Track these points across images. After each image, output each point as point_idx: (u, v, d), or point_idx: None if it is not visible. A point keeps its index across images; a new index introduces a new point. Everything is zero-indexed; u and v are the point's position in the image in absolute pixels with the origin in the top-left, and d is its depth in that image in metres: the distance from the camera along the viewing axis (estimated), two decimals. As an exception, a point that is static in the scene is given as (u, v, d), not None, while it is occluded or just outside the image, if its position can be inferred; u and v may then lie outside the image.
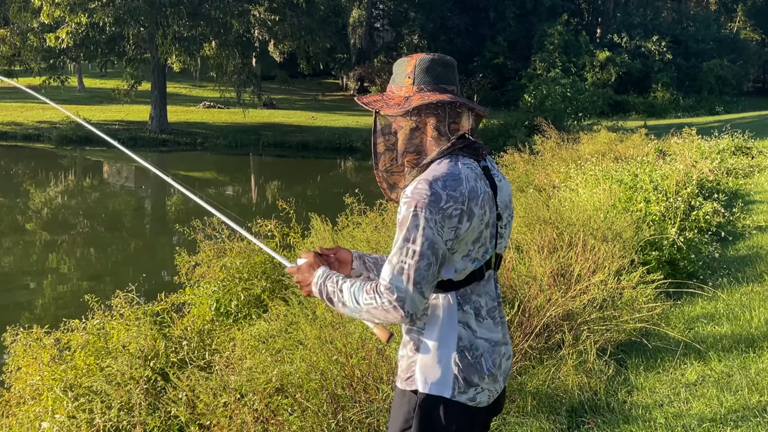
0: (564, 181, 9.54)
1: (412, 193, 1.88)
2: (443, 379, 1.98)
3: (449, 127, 1.97)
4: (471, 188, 1.91)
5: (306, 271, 2.12)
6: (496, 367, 2.05)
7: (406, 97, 2.00)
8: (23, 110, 31.58)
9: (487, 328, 2.04)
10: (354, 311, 1.97)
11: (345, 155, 27.37)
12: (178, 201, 18.29)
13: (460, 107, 1.97)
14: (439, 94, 1.97)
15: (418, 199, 1.86)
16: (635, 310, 4.62)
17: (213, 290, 5.85)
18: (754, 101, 41.10)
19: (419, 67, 2.00)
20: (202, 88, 39.78)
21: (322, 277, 2.07)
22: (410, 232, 1.85)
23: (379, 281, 1.92)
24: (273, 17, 29.64)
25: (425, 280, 1.87)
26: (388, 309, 1.89)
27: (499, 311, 2.10)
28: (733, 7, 49.02)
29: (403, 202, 1.89)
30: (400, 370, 2.07)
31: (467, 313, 2.00)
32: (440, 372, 1.98)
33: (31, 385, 4.37)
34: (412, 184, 1.91)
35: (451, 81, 2.01)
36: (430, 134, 1.98)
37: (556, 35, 38.98)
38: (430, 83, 1.99)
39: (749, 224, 7.53)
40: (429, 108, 1.97)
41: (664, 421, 3.54)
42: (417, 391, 2.00)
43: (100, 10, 24.46)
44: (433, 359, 1.99)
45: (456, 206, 1.87)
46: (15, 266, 11.16)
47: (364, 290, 1.94)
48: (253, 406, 3.51)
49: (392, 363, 3.61)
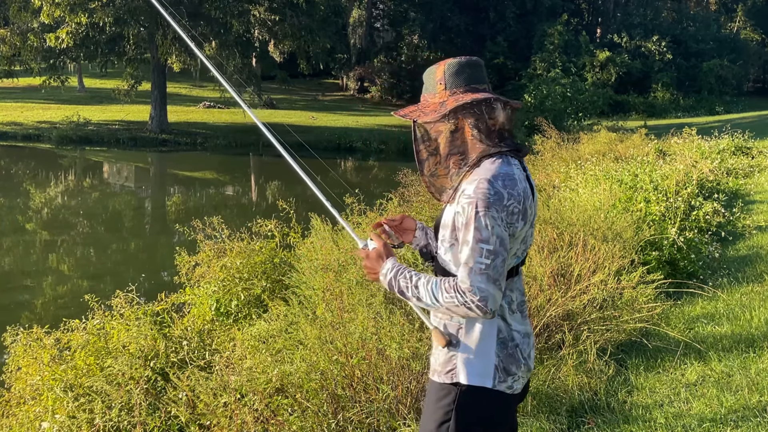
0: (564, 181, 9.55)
1: (475, 193, 1.93)
2: (485, 370, 2.07)
3: (487, 124, 2.04)
4: (524, 188, 2.01)
5: (375, 260, 2.18)
6: (528, 357, 2.16)
7: (441, 102, 2.07)
8: (23, 110, 31.58)
9: (518, 320, 2.14)
10: (431, 306, 2.04)
11: (345, 155, 27.37)
12: (178, 201, 18.29)
13: (494, 103, 2.05)
14: (472, 94, 2.04)
15: (482, 198, 1.92)
16: (635, 310, 4.62)
17: (213, 290, 5.85)
18: (754, 101, 41.10)
19: (449, 72, 2.08)
20: (202, 88, 39.77)
21: (392, 270, 2.12)
22: (481, 232, 1.92)
23: (459, 282, 1.97)
24: (273, 17, 29.63)
25: (501, 276, 1.95)
26: (470, 308, 1.96)
27: (526, 304, 2.22)
28: (733, 7, 49.02)
29: (467, 202, 1.95)
30: (436, 364, 2.15)
31: (503, 307, 2.09)
32: (482, 363, 2.07)
33: (31, 385, 4.37)
34: (472, 183, 1.97)
35: (481, 80, 2.10)
36: (470, 134, 2.05)
37: (556, 35, 38.98)
38: (462, 85, 2.07)
39: (749, 224, 7.53)
40: (465, 108, 2.04)
41: (664, 421, 3.54)
42: (458, 384, 2.08)
43: (100, 10, 24.45)
44: (475, 352, 2.08)
45: (516, 205, 1.96)
46: (15, 266, 11.16)
47: (442, 288, 2.00)
48: (253, 406, 3.51)
49: (392, 363, 3.61)
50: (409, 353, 3.63)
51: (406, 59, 42.34)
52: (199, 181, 21.95)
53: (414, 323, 4.05)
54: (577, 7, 47.72)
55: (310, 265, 5.36)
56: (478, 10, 42.90)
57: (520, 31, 42.16)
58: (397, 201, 8.07)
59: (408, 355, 3.62)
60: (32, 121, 29.37)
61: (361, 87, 43.11)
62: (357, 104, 40.05)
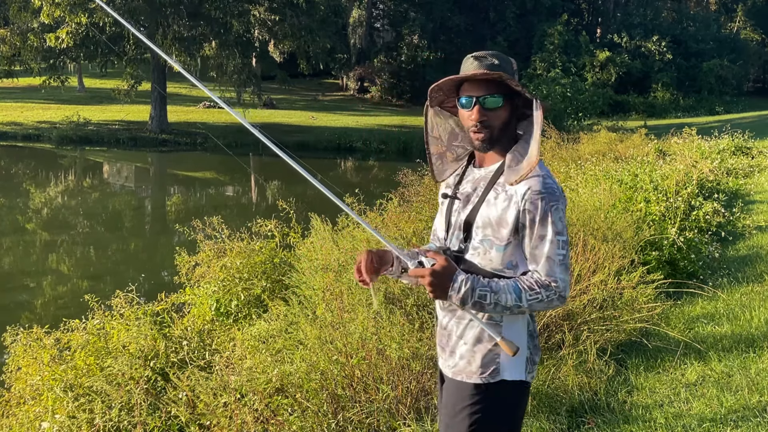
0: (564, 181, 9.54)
1: (546, 188, 2.01)
2: (521, 365, 2.13)
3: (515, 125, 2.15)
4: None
5: (444, 276, 2.04)
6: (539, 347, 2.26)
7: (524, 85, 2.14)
8: (23, 110, 31.57)
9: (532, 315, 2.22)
10: (512, 309, 2.03)
11: (345, 155, 27.37)
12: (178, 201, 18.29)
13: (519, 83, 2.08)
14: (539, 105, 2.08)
15: (551, 193, 2.01)
16: (635, 310, 4.62)
17: (213, 290, 5.85)
18: (754, 101, 41.10)
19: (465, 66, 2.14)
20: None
21: (467, 283, 2.03)
22: (557, 225, 2.01)
23: (543, 276, 2.02)
24: (273, 17, 29.62)
25: (570, 267, 2.08)
26: (552, 299, 2.02)
27: None
28: (733, 7, 49.01)
29: (537, 197, 2.00)
30: (473, 366, 2.13)
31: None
32: (520, 358, 2.13)
33: (31, 385, 4.37)
34: (532, 180, 2.02)
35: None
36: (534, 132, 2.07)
37: (556, 35, 38.98)
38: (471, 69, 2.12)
39: (749, 224, 7.53)
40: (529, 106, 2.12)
41: (664, 421, 3.54)
42: (500, 381, 2.11)
43: (100, 10, 24.45)
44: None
45: (565, 201, 2.09)
46: (15, 266, 11.16)
47: (525, 288, 2.02)
48: (253, 406, 3.51)
49: (392, 363, 3.61)
50: (409, 353, 3.63)
51: (406, 59, 42.34)
52: (199, 181, 21.95)
53: (414, 323, 4.05)
54: (577, 7, 47.71)
55: (310, 265, 5.36)
56: (478, 10, 42.90)
57: (520, 31, 42.16)
58: (397, 201, 8.07)
59: (408, 355, 3.62)
60: (32, 121, 29.36)
61: (361, 87, 43.11)
62: (357, 104, 40.05)
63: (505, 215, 2.04)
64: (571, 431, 3.56)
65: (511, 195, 2.03)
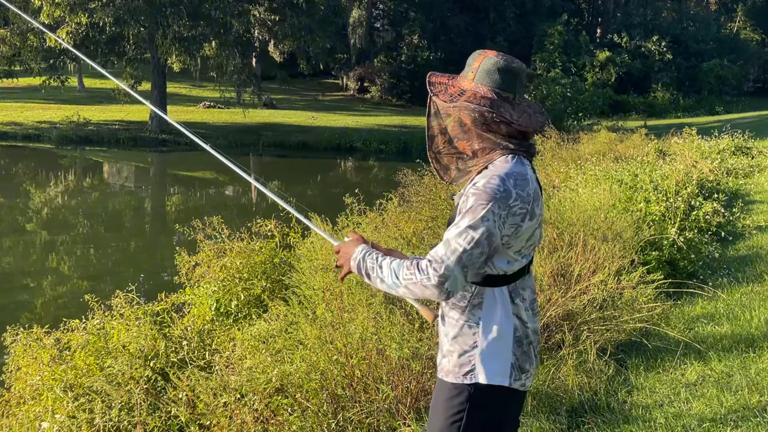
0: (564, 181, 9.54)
1: (484, 187, 1.97)
2: (503, 369, 2.09)
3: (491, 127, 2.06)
4: (534, 189, 2.04)
5: (349, 246, 2.20)
6: (537, 353, 2.21)
7: (461, 91, 2.07)
8: (23, 110, 31.57)
9: (530, 318, 2.16)
10: (391, 287, 2.04)
11: (345, 155, 27.36)
12: (178, 201, 18.29)
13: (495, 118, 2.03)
14: (488, 99, 2.03)
15: (490, 193, 1.96)
16: (635, 310, 4.62)
17: (213, 290, 5.85)
18: (754, 101, 41.06)
19: (483, 67, 2.07)
20: (202, 88, 39.75)
21: (361, 252, 2.14)
22: (474, 221, 1.95)
23: (427, 256, 2.00)
24: (273, 17, 29.62)
25: (473, 265, 1.97)
26: (427, 285, 1.97)
27: (537, 302, 2.25)
28: (733, 7, 49.00)
29: (473, 192, 1.98)
30: (450, 365, 2.14)
31: (518, 306, 2.12)
32: (500, 362, 2.09)
33: (31, 385, 4.37)
34: (485, 177, 2.01)
35: (509, 88, 2.06)
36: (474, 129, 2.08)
37: (556, 35, 38.97)
38: (487, 85, 2.06)
39: (749, 224, 7.52)
40: (467, 110, 2.05)
41: (664, 421, 3.54)
42: (476, 384, 2.09)
43: (100, 10, 24.45)
44: (493, 350, 2.09)
45: (522, 205, 1.99)
46: (15, 266, 11.16)
47: (404, 266, 2.02)
48: (253, 406, 3.51)
49: (392, 363, 3.61)
50: (409, 353, 3.63)
51: (406, 59, 42.33)
52: (199, 181, 21.95)
53: (414, 323, 4.05)
54: (577, 7, 47.70)
55: (310, 265, 5.36)
56: (478, 10, 42.87)
57: (520, 31, 42.13)
58: (397, 201, 8.07)
59: (408, 355, 3.62)
60: (32, 121, 29.36)
61: (361, 87, 43.09)
62: (357, 104, 40.04)
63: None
64: (571, 431, 3.56)
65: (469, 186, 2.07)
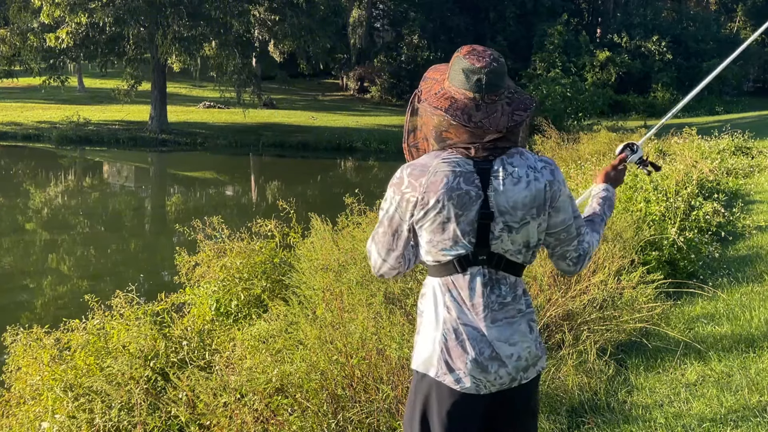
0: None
1: (393, 176, 2.12)
2: (429, 359, 2.12)
3: (441, 135, 2.07)
4: (433, 181, 2.01)
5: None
6: (487, 358, 2.07)
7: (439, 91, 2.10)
8: (23, 110, 31.57)
9: (473, 320, 2.08)
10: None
11: (345, 155, 27.37)
12: (178, 201, 18.29)
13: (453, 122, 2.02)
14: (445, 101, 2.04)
15: (392, 180, 2.11)
16: (635, 310, 4.62)
17: (213, 290, 5.85)
18: (754, 101, 41.06)
19: (453, 67, 2.09)
20: (202, 88, 39.77)
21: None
22: (382, 204, 2.15)
23: None
24: (273, 17, 29.63)
25: (380, 244, 2.17)
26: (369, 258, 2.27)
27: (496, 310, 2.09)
28: (733, 7, 48.98)
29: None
30: None
31: (449, 300, 2.10)
32: (428, 351, 2.13)
33: (31, 385, 4.37)
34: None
35: (474, 89, 2.02)
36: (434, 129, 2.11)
37: (556, 35, 38.96)
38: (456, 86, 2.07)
39: (749, 224, 7.52)
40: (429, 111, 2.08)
41: (664, 421, 3.54)
42: (415, 369, 2.18)
43: (100, 10, 24.46)
44: (423, 339, 2.15)
45: (412, 193, 2.04)
46: (15, 266, 11.16)
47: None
48: (253, 406, 3.51)
49: (392, 363, 3.61)
50: (409, 353, 3.63)
51: (406, 59, 42.34)
52: (199, 181, 21.95)
53: (414, 323, 4.05)
54: (577, 7, 47.68)
55: (310, 265, 5.37)
56: (478, 10, 42.88)
57: (520, 31, 42.13)
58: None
59: (408, 355, 3.62)
60: (32, 121, 29.36)
61: (361, 87, 43.09)
62: (357, 104, 40.04)
63: None
64: (571, 431, 3.56)
65: None
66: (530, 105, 2.09)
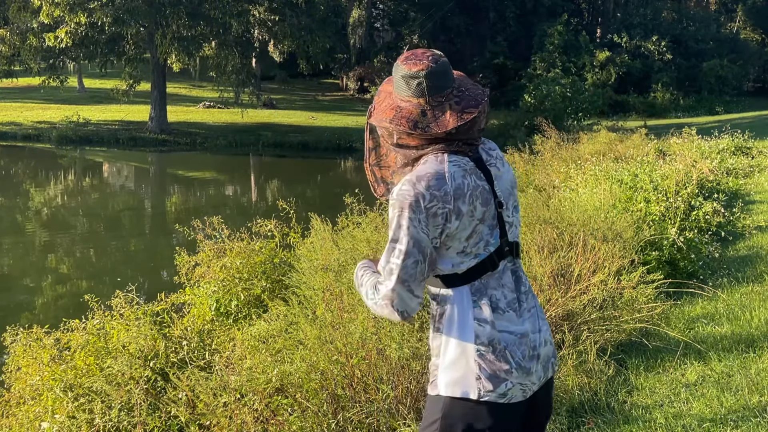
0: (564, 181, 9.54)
1: (397, 195, 1.91)
2: (466, 381, 1.96)
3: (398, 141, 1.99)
4: (457, 186, 1.91)
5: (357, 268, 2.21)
6: (527, 359, 2.00)
7: (387, 104, 2.02)
8: (23, 110, 31.57)
9: (509, 320, 2.00)
10: (372, 307, 2.03)
11: (345, 155, 27.37)
12: (178, 201, 18.29)
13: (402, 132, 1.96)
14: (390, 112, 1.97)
15: (401, 200, 1.90)
16: (635, 310, 4.62)
17: (213, 290, 5.85)
18: (754, 101, 41.05)
19: (395, 75, 2.00)
20: (201, 88, 39.78)
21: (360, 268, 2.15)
22: (396, 233, 1.91)
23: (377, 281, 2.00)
24: (273, 17, 29.65)
25: (413, 278, 1.91)
26: (383, 307, 1.96)
27: (524, 302, 2.06)
28: (733, 7, 48.98)
29: (390, 203, 1.93)
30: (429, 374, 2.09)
31: (484, 307, 1.97)
32: (461, 373, 1.96)
33: (31, 385, 4.37)
34: (399, 184, 1.94)
35: (417, 94, 1.95)
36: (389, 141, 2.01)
37: (556, 35, 38.96)
38: (400, 95, 1.99)
39: (749, 224, 7.52)
40: (378, 124, 2.01)
41: (664, 422, 3.54)
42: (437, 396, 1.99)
43: (100, 9, 24.46)
44: (453, 361, 1.98)
45: (440, 205, 1.89)
46: (15, 266, 11.16)
47: (371, 285, 2.01)
48: (253, 406, 3.51)
49: (392, 363, 3.61)
50: (409, 353, 3.63)
51: (406, 59, 42.29)
52: (198, 181, 21.95)
53: (414, 323, 4.05)
54: (577, 7, 47.70)
55: (310, 265, 5.36)
56: (478, 10, 42.89)
57: (520, 31, 42.16)
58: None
59: (408, 355, 3.62)
60: (32, 121, 29.37)
61: (361, 87, 43.07)
62: (357, 104, 40.04)
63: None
64: (571, 431, 3.56)
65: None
66: (481, 100, 1.98)
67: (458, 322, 1.98)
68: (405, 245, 1.89)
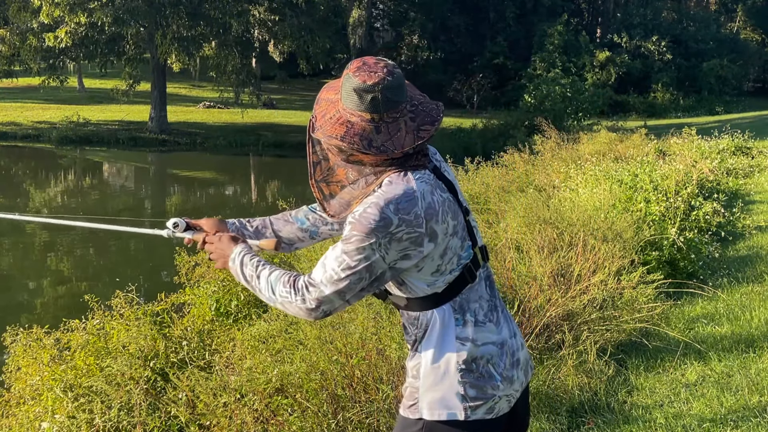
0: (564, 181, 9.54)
1: (360, 217, 1.77)
2: (451, 403, 1.89)
3: (350, 158, 1.86)
4: (428, 205, 1.80)
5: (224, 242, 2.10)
6: (508, 368, 1.95)
7: (333, 114, 1.88)
8: (23, 110, 31.57)
9: (489, 330, 1.93)
10: (269, 300, 1.94)
11: (345, 155, 27.34)
12: (178, 201, 18.29)
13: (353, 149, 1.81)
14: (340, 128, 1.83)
15: (365, 224, 1.76)
16: (635, 310, 4.62)
17: (213, 290, 5.84)
18: (754, 101, 41.08)
19: (344, 86, 1.85)
20: (201, 88, 39.78)
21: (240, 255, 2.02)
22: (351, 249, 1.78)
23: (305, 277, 1.88)
24: (273, 17, 29.65)
25: (352, 292, 1.83)
26: (302, 308, 1.86)
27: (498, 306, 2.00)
28: (733, 7, 49.01)
29: (350, 222, 1.80)
30: (403, 396, 1.99)
31: (467, 324, 1.90)
32: (446, 395, 1.89)
33: (31, 385, 4.36)
34: (364, 205, 1.80)
35: (371, 109, 1.80)
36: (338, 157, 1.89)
37: (556, 35, 38.98)
38: (350, 108, 1.84)
39: (749, 224, 7.52)
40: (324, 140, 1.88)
41: (664, 422, 3.54)
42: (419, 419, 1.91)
43: (100, 9, 24.46)
44: (435, 383, 1.90)
45: (408, 230, 1.77)
46: (15, 266, 11.16)
47: (281, 282, 1.90)
48: (253, 406, 3.51)
49: (392, 363, 3.61)
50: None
51: (406, 59, 42.35)
52: (198, 181, 21.96)
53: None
54: (577, 7, 47.73)
55: (310, 265, 5.36)
56: (478, 10, 42.91)
57: (520, 31, 42.18)
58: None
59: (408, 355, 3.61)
60: (31, 121, 29.37)
61: (361, 87, 43.07)
62: (357, 104, 39.98)
63: None
64: (571, 431, 3.56)
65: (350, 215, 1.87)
66: (437, 117, 1.86)
67: (440, 342, 1.89)
68: (356, 264, 1.79)
